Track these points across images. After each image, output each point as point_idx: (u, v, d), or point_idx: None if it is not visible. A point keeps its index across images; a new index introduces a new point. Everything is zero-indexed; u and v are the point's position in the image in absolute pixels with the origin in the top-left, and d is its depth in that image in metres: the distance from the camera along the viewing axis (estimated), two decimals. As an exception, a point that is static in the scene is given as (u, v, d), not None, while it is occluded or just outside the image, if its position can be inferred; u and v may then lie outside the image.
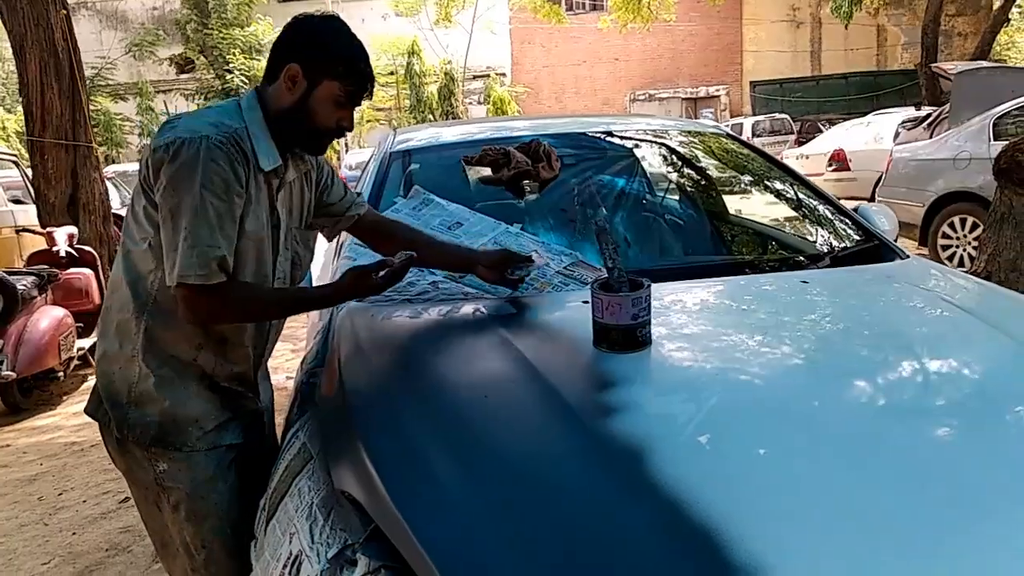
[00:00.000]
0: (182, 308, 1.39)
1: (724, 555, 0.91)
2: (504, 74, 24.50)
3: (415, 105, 21.28)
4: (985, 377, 1.39)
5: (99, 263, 5.55)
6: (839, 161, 10.86)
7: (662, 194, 2.54)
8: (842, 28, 22.38)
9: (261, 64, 20.37)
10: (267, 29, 20.59)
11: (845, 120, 19.12)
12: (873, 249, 2.13)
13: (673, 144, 2.70)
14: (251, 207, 1.45)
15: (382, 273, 1.52)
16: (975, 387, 1.35)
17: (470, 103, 22.88)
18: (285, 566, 1.29)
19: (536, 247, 2.07)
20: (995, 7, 21.69)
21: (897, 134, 11.24)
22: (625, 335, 1.40)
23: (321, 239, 1.91)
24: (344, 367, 1.56)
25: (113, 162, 16.95)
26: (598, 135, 2.66)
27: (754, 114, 23.08)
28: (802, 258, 2.03)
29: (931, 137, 7.91)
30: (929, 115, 9.87)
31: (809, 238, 2.24)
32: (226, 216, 1.37)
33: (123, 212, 8.09)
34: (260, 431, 1.68)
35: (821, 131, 19.24)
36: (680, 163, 2.63)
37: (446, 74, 21.40)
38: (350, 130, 1.55)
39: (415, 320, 1.74)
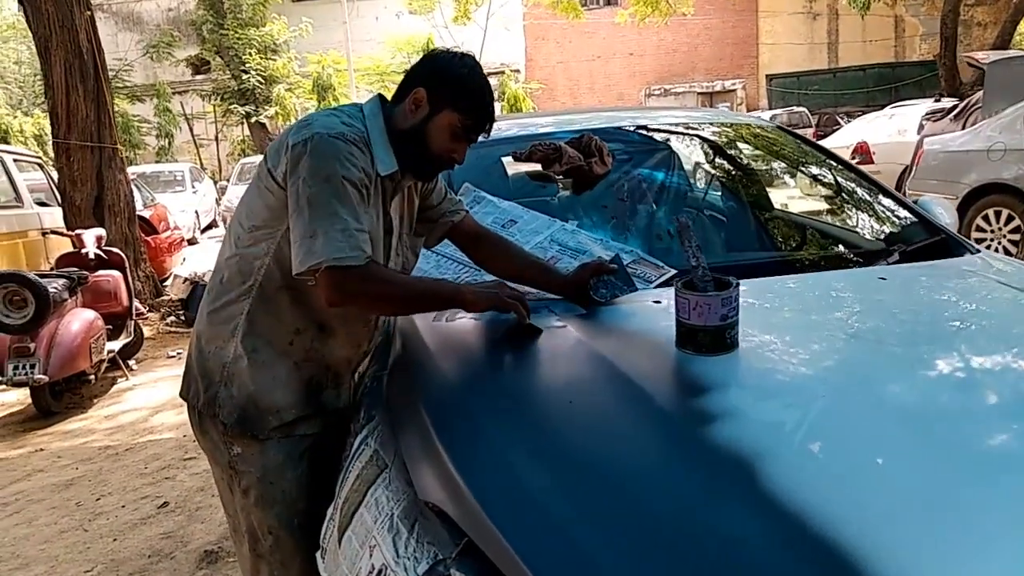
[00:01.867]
0: (328, 290, 1.40)
1: (846, 561, 0.85)
2: (518, 71, 24.39)
3: (429, 103, 21.23)
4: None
5: (126, 265, 5.53)
6: (863, 154, 10.72)
7: (723, 190, 2.47)
8: (859, 19, 22.14)
9: (277, 64, 20.41)
10: (282, 29, 20.61)
11: (864, 113, 18.93)
12: (940, 243, 2.05)
13: (728, 138, 2.63)
14: (368, 207, 1.49)
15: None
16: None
17: (484, 100, 22.82)
18: (368, 578, 1.24)
19: (594, 244, 2.01)
20: (1016, -4, 21.41)
21: (921, 126, 11.10)
22: (714, 337, 1.33)
23: None
24: (415, 370, 1.52)
25: (131, 163, 17.03)
26: (647, 128, 2.59)
27: (771, 108, 22.90)
28: (873, 253, 1.95)
29: (963, 128, 7.78)
30: (955, 106, 9.74)
31: (875, 233, 2.16)
32: (361, 205, 1.43)
33: (146, 213, 8.10)
34: (337, 428, 1.66)
35: (839, 124, 19.06)
36: (740, 157, 2.56)
37: (459, 71, 21.34)
38: (460, 163, 1.58)
39: (479, 323, 1.68)
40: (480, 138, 1.58)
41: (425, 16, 21.98)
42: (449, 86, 1.51)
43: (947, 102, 14.63)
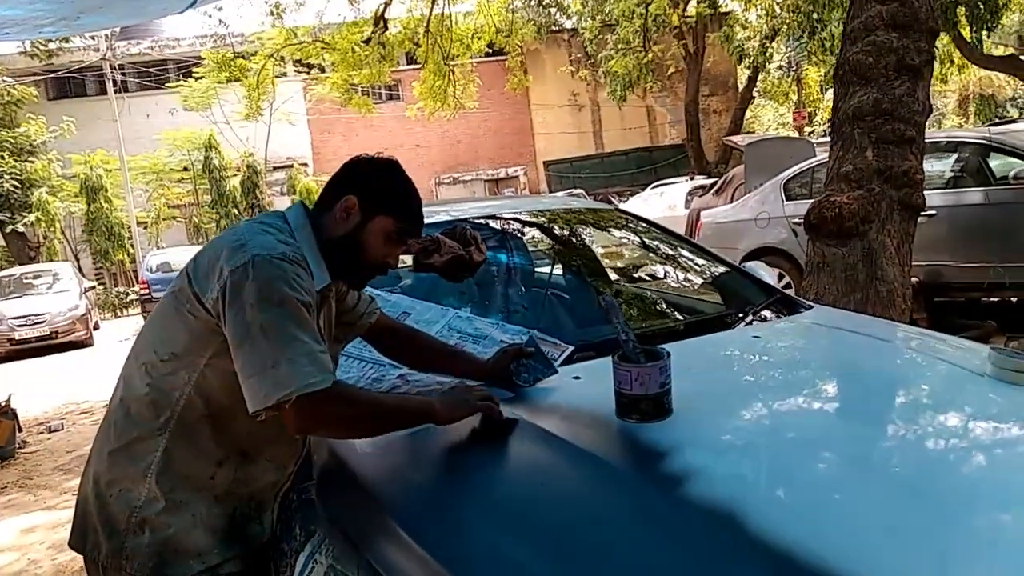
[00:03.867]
0: (299, 420, 1.31)
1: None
2: (306, 164, 24.23)
3: (216, 200, 20.34)
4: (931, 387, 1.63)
5: None
6: (644, 228, 11.79)
7: (586, 271, 2.65)
8: (618, 110, 24.66)
9: (36, 166, 18.59)
10: (39, 129, 18.89)
11: (631, 191, 20.97)
12: (782, 300, 2.36)
13: (586, 222, 2.85)
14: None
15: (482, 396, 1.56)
16: (926, 400, 1.60)
17: (273, 195, 22.29)
18: None
19: (492, 329, 2.08)
20: (740, 88, 25.11)
21: (688, 201, 12.53)
22: (655, 404, 1.45)
23: None
24: (366, 482, 1.46)
25: None
26: (513, 217, 2.74)
27: (551, 191, 24.57)
28: (738, 315, 2.20)
29: (726, 201, 8.91)
30: (715, 183, 11.14)
31: (730, 297, 2.44)
32: (313, 327, 1.36)
33: None
34: (261, 563, 1.53)
35: (612, 202, 20.94)
36: (605, 240, 2.79)
37: (248, 166, 20.74)
38: (395, 267, 1.58)
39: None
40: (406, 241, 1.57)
41: (202, 112, 21.24)
42: (381, 191, 1.50)
43: (699, 179, 16.69)
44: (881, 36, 4.77)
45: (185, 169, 20.97)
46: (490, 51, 16.61)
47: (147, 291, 14.64)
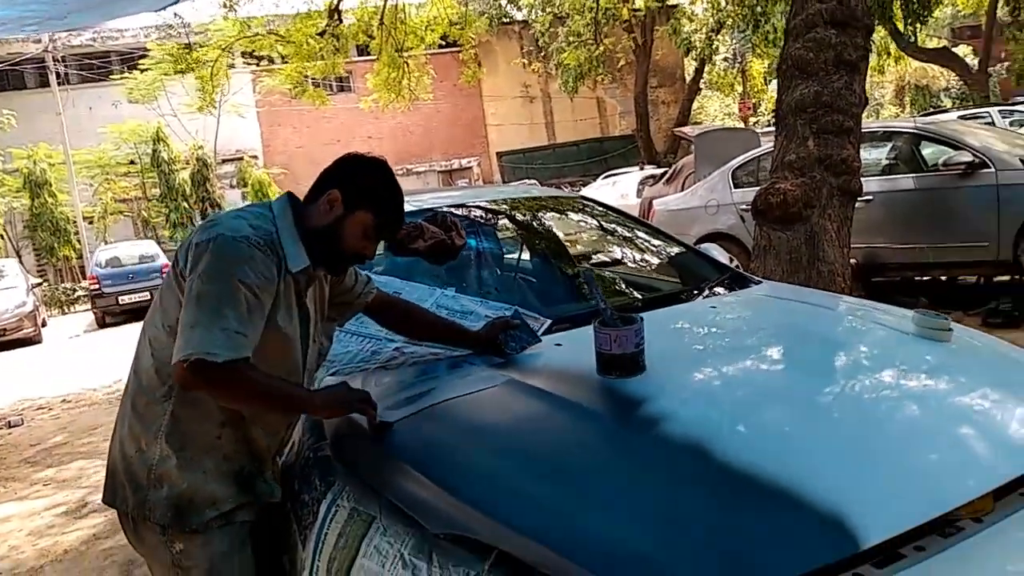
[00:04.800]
0: (185, 378, 1.42)
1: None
2: (256, 156, 23.96)
3: (166, 193, 20.00)
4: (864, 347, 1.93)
5: None
6: (599, 217, 12.08)
7: (559, 252, 2.87)
8: (569, 101, 24.96)
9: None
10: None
11: (583, 182, 21.31)
12: (735, 277, 2.61)
13: (552, 208, 3.07)
14: (281, 303, 1.57)
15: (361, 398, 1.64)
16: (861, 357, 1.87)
17: (223, 187, 22.00)
18: (392, 615, 1.36)
19: (476, 305, 2.28)
20: (688, 79, 25.66)
21: (639, 190, 12.87)
22: (631, 361, 1.68)
23: None
24: (380, 438, 1.65)
25: None
26: (491, 204, 2.94)
27: (504, 181, 24.79)
28: (696, 290, 2.44)
29: (676, 190, 9.22)
30: (665, 172, 11.47)
31: (688, 273, 2.69)
32: (256, 311, 1.48)
33: None
34: (270, 516, 1.72)
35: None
36: (570, 225, 3.01)
37: (198, 159, 20.42)
38: (371, 259, 1.70)
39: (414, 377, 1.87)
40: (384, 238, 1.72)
41: (148, 105, 20.82)
42: (364, 188, 1.62)
43: (650, 169, 17.10)
44: (821, 33, 5.08)
45: (132, 163, 20.56)
46: (443, 43, 16.69)
47: (97, 287, 14.39)
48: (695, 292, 2.43)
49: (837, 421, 1.48)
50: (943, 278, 6.60)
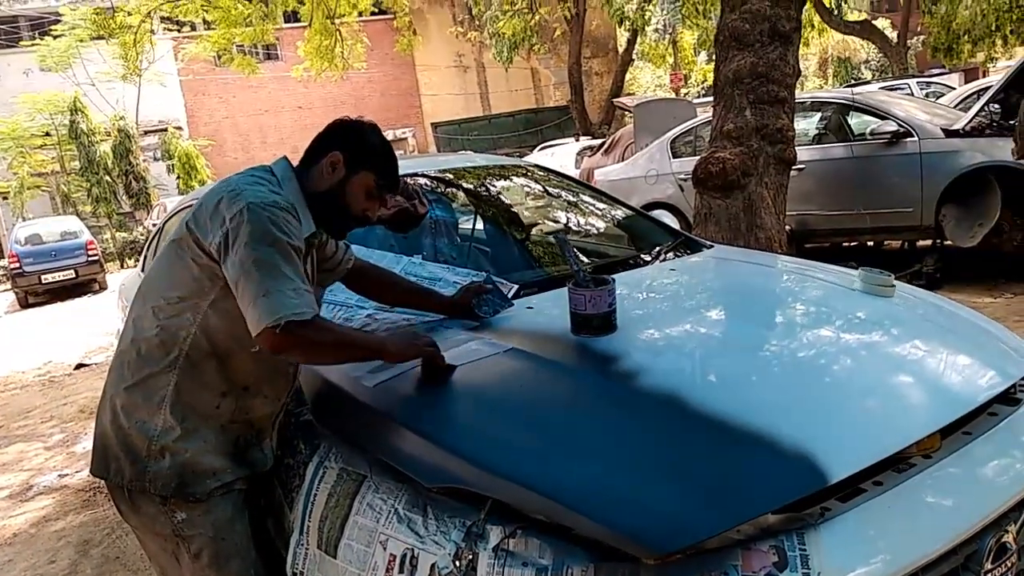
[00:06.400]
0: (279, 343, 1.45)
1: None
2: (181, 128, 23.09)
3: (86, 166, 19.09)
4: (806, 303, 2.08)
5: None
6: (538, 188, 12.16)
7: (514, 219, 2.93)
8: (504, 72, 24.85)
9: None
10: None
11: (520, 153, 21.32)
12: (687, 241, 2.72)
13: (505, 176, 3.12)
14: (304, 271, 1.58)
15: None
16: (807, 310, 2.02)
17: (147, 160, 21.15)
18: (388, 569, 1.42)
19: (444, 272, 2.32)
20: (621, 51, 25.83)
21: (577, 161, 13.00)
22: (604, 321, 1.76)
23: None
24: (356, 395, 1.69)
25: None
26: (446, 173, 2.97)
27: (440, 152, 24.59)
28: (651, 253, 2.54)
29: (615, 161, 9.37)
30: (603, 143, 11.61)
31: (641, 240, 2.79)
32: (300, 268, 1.51)
33: None
34: (262, 482, 1.75)
35: (502, 164, 21.19)
36: (525, 192, 3.06)
37: (120, 130, 19.52)
38: (374, 221, 1.73)
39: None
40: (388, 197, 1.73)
41: (62, 73, 19.79)
42: (364, 149, 1.64)
43: (585, 140, 17.23)
44: (756, 5, 5.22)
45: (47, 135, 19.55)
46: (376, 10, 16.36)
47: (17, 265, 13.75)
48: (654, 255, 2.53)
49: (799, 369, 1.60)
50: (870, 243, 6.93)
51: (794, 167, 5.47)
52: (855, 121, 6.45)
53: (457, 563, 1.33)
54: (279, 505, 1.73)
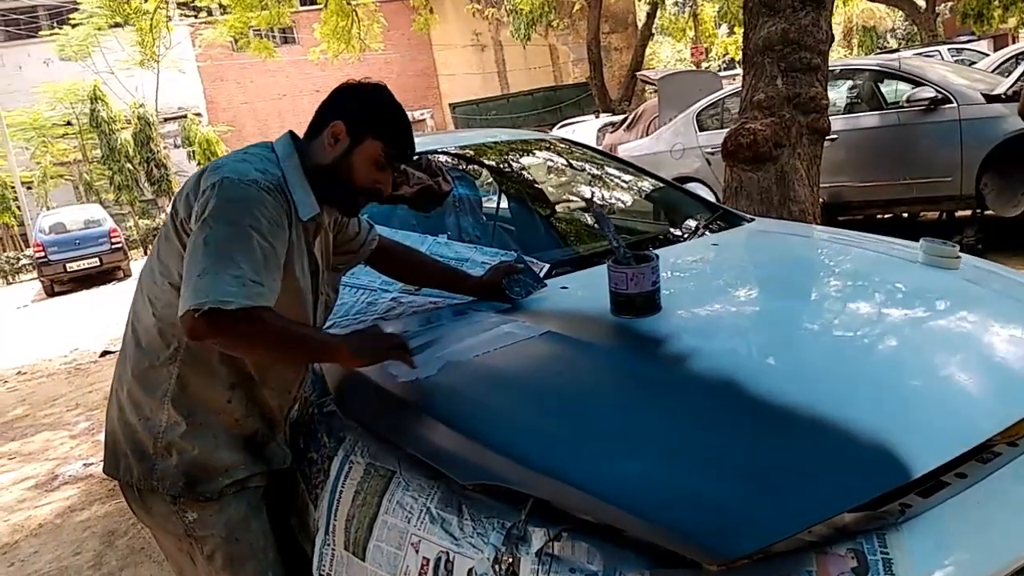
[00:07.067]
0: (196, 330, 1.28)
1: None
2: (200, 114, 23.10)
3: (108, 155, 19.14)
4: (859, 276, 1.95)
5: None
6: (559, 166, 11.99)
7: (547, 196, 2.79)
8: (521, 49, 24.54)
9: None
10: None
11: (538, 130, 21.06)
12: (726, 215, 2.57)
13: (541, 149, 2.98)
14: (295, 254, 1.46)
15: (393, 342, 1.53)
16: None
17: (167, 147, 21.19)
18: (421, 573, 1.31)
19: (471, 252, 2.20)
20: (640, 25, 25.39)
21: (599, 138, 12.77)
22: (647, 300, 1.62)
23: None
24: (383, 386, 1.57)
25: None
26: (471, 149, 2.84)
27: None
28: (693, 228, 2.39)
29: (638, 136, 9.16)
30: (625, 119, 11.39)
31: (679, 214, 2.64)
32: (271, 260, 1.36)
33: None
34: (282, 479, 1.64)
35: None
36: (571, 166, 2.93)
37: (140, 118, 19.54)
38: (386, 194, 1.55)
39: (417, 326, 1.79)
40: (394, 166, 1.55)
41: (82, 62, 19.82)
42: (369, 115, 1.48)
43: (606, 116, 16.96)
44: (786, -33, 5.00)
45: (68, 123, 19.63)
46: (392, -10, 16.14)
47: (43, 254, 13.85)
48: (694, 230, 2.38)
49: (867, 352, 1.45)
50: (905, 215, 6.70)
51: (827, 137, 5.28)
52: (888, 88, 6.20)
53: (497, 568, 1.22)
54: (302, 502, 1.62)
